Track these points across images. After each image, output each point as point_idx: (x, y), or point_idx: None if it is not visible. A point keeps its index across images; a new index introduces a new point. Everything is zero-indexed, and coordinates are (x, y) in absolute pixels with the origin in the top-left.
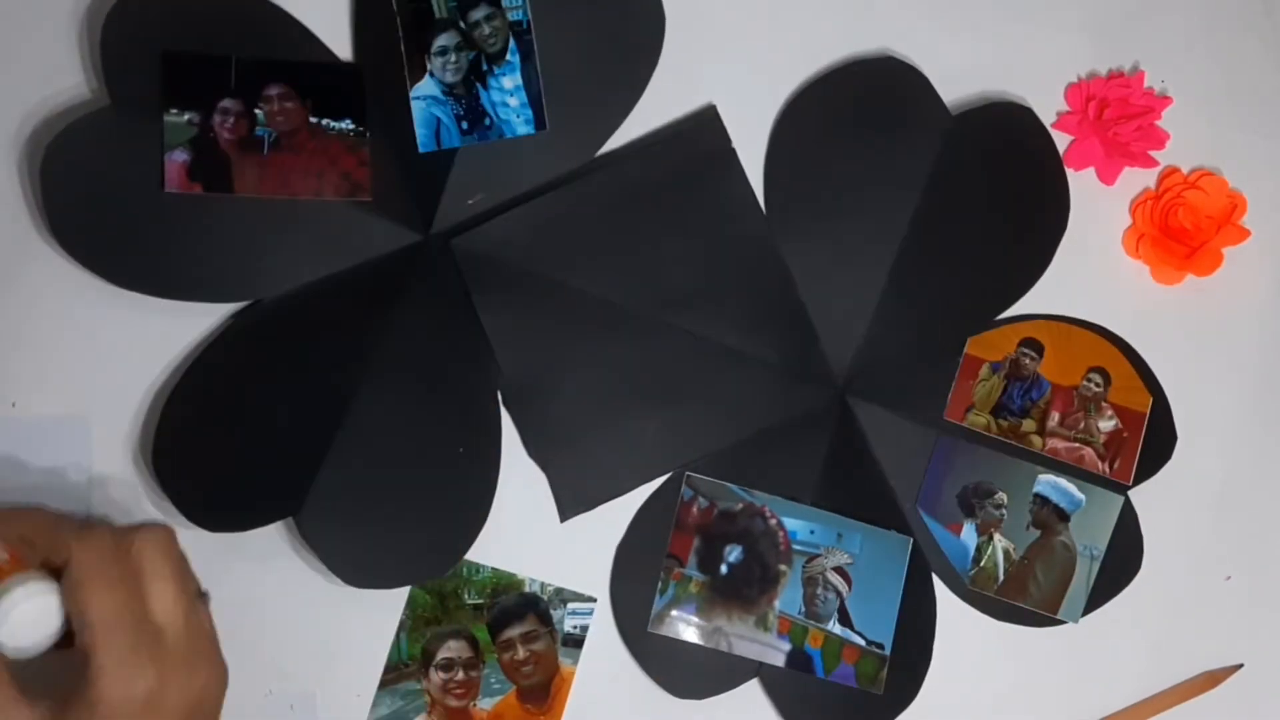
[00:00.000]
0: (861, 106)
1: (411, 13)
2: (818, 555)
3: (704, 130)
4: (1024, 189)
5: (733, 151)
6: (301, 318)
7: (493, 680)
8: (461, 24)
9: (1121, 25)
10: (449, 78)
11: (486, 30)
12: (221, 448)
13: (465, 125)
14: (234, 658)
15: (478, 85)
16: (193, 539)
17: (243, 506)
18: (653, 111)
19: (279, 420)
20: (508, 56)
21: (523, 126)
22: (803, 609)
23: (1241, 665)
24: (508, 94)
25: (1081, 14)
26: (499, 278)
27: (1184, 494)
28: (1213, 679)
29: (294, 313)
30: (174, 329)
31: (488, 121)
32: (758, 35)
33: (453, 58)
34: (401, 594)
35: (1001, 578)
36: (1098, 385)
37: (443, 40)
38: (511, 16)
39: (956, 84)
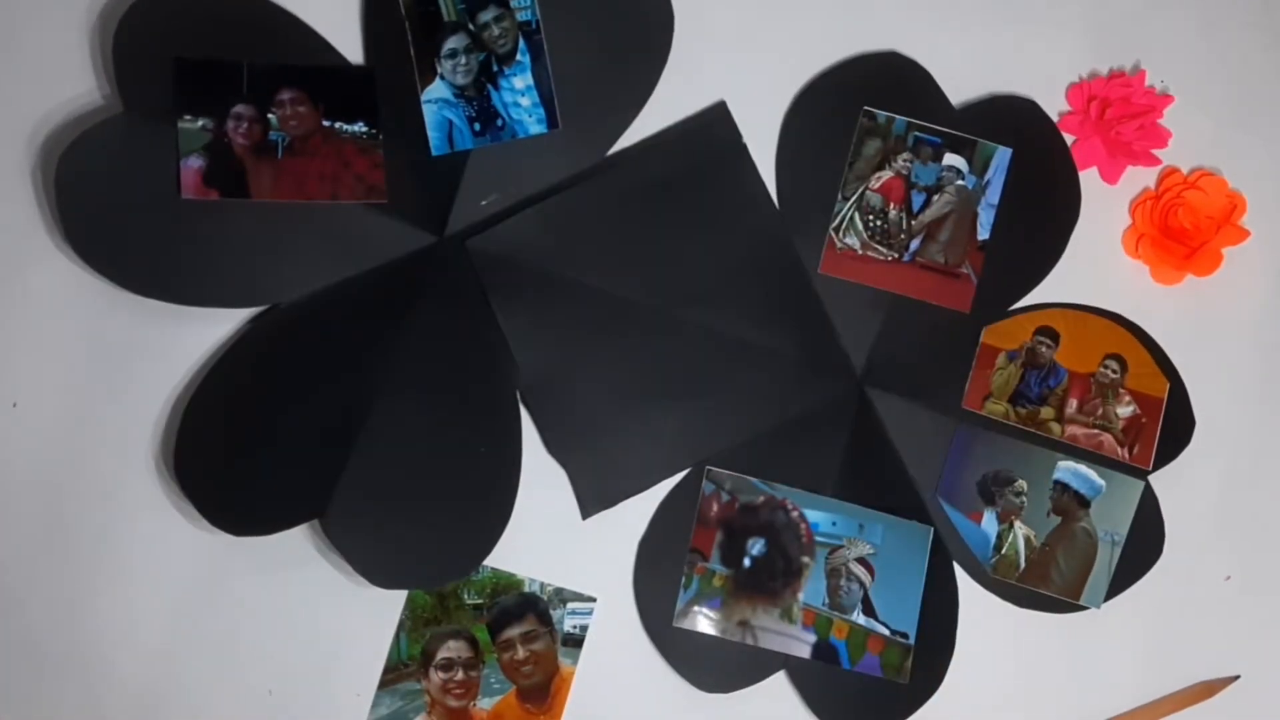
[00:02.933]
0: (867, 100)
1: (420, 16)
2: (840, 546)
3: (715, 126)
4: (1033, 178)
5: (744, 146)
6: (319, 321)
7: (492, 680)
8: (471, 26)
9: (1122, 25)
10: (459, 80)
11: (496, 31)
12: (243, 452)
13: (478, 126)
14: (235, 658)
15: (489, 86)
16: (191, 543)
17: (266, 510)
18: (663, 109)
19: (299, 424)
20: (518, 57)
21: (535, 125)
22: (826, 600)
23: (1239, 677)
24: (519, 94)
25: (1082, 14)
26: (514, 278)
27: (1183, 497)
28: (1209, 689)
29: (311, 317)
30: (192, 335)
31: (500, 122)
32: (765, 34)
33: (463, 60)
34: (401, 594)
35: (1023, 565)
36: (1114, 372)
37: (452, 43)
38: (520, 17)
39: (959, 85)
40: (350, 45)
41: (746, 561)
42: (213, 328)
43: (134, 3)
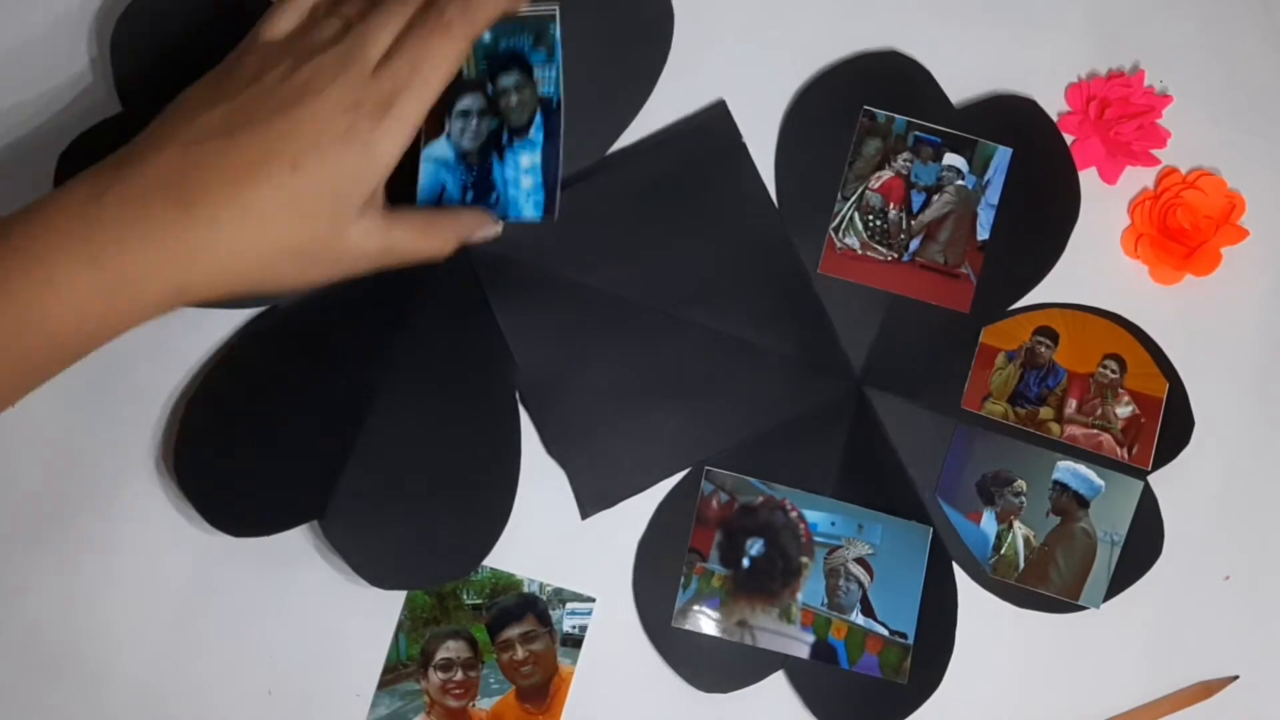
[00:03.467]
0: (867, 100)
1: None
2: (839, 547)
3: (714, 125)
4: (1033, 178)
5: (743, 146)
6: (318, 322)
7: (491, 680)
8: (490, 88)
9: (1121, 25)
10: (466, 143)
11: (514, 100)
12: (243, 453)
13: (470, 196)
14: (235, 658)
15: (494, 155)
16: (191, 543)
17: (266, 511)
18: (663, 109)
19: (299, 425)
20: (530, 133)
21: (530, 210)
22: (825, 600)
23: (1238, 677)
24: (523, 172)
25: (1082, 14)
26: (514, 277)
27: (1183, 497)
28: (1208, 689)
29: (310, 317)
30: (191, 335)
31: (494, 197)
32: (765, 33)
33: (474, 122)
34: (400, 594)
35: (1022, 565)
36: (1114, 372)
37: (467, 102)
38: (542, 91)
39: (958, 85)
40: None
41: (745, 562)
42: (212, 328)
43: (131, 1)
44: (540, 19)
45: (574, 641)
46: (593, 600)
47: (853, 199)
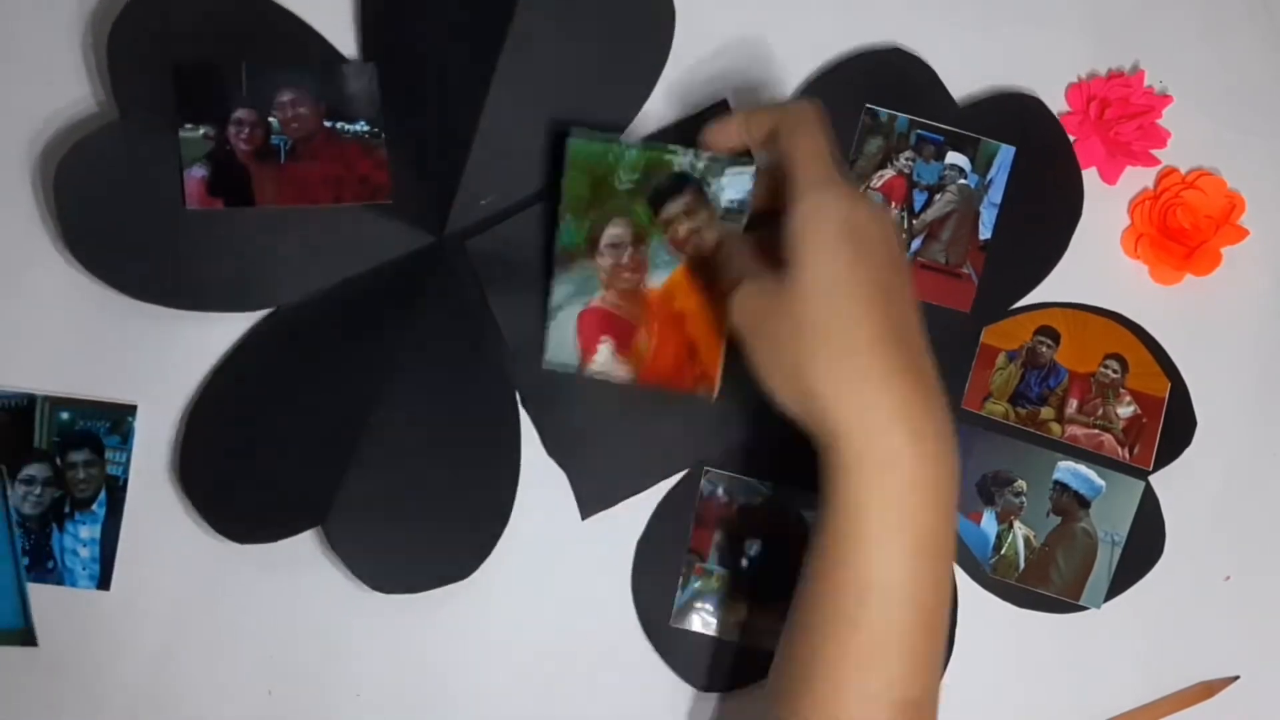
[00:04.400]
0: (869, 96)
1: (8, 425)
2: None
3: None
4: (1036, 177)
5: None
6: (320, 324)
7: (662, 254)
8: (58, 460)
9: (1121, 25)
10: (27, 509)
11: (81, 475)
12: (246, 457)
13: (26, 561)
14: (234, 658)
15: (53, 525)
16: (192, 544)
17: (270, 516)
18: (663, 109)
19: (302, 429)
20: (94, 507)
21: (85, 580)
22: None
23: (1238, 677)
24: (81, 543)
25: (1081, 14)
26: (513, 277)
27: (1184, 498)
28: (1209, 689)
29: (312, 319)
30: (194, 340)
31: (51, 564)
32: (765, 32)
33: (37, 490)
34: (401, 597)
35: (1022, 565)
36: (1115, 372)
37: (32, 470)
38: (110, 470)
39: (958, 85)
40: (347, 43)
41: (744, 562)
42: (214, 332)
43: (127, 5)
44: (120, 410)
45: (736, 213)
46: (750, 165)
47: None
